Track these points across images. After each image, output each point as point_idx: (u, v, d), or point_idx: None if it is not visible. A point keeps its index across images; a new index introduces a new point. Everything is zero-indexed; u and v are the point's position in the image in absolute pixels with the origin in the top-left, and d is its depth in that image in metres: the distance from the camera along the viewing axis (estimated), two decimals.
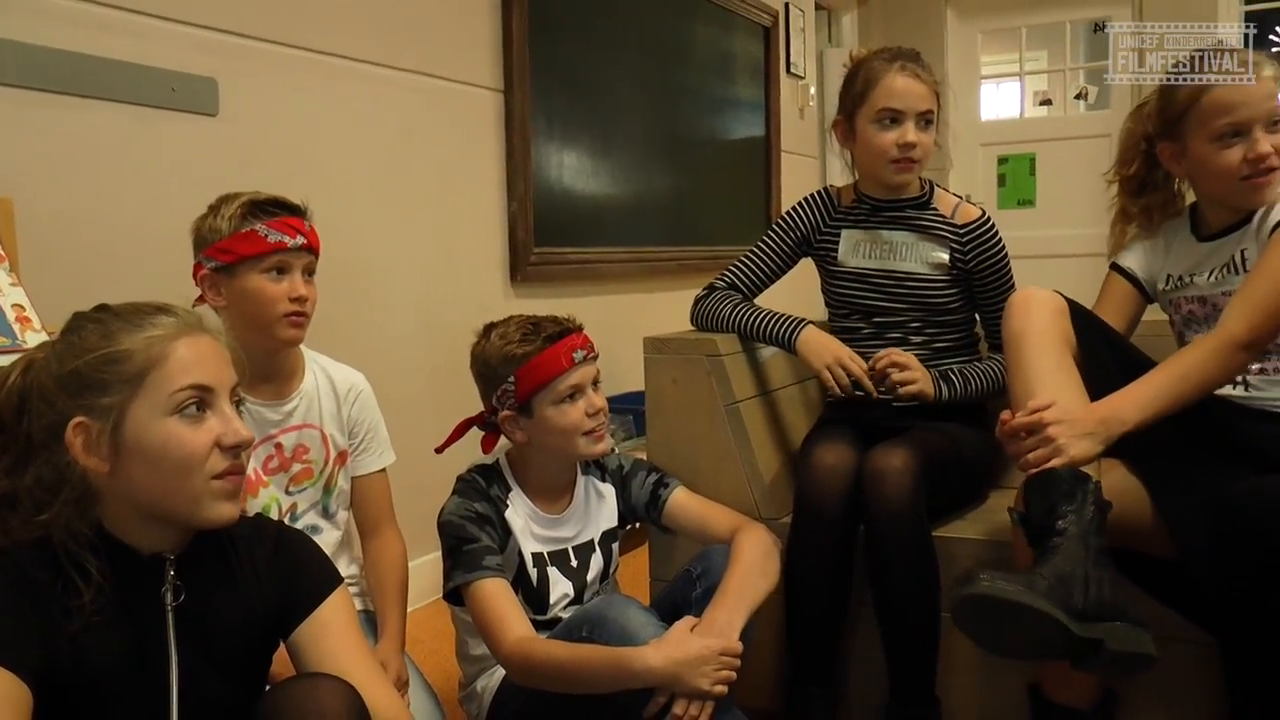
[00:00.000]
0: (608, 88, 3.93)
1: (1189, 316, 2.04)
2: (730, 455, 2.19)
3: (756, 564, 1.86)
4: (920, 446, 2.04)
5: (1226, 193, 1.94)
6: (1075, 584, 1.58)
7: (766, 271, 2.39)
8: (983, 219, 2.30)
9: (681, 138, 4.49)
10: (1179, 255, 2.06)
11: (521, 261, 3.43)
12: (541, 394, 1.90)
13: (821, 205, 2.39)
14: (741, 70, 4.98)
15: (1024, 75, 7.02)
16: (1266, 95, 1.88)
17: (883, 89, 2.21)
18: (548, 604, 1.95)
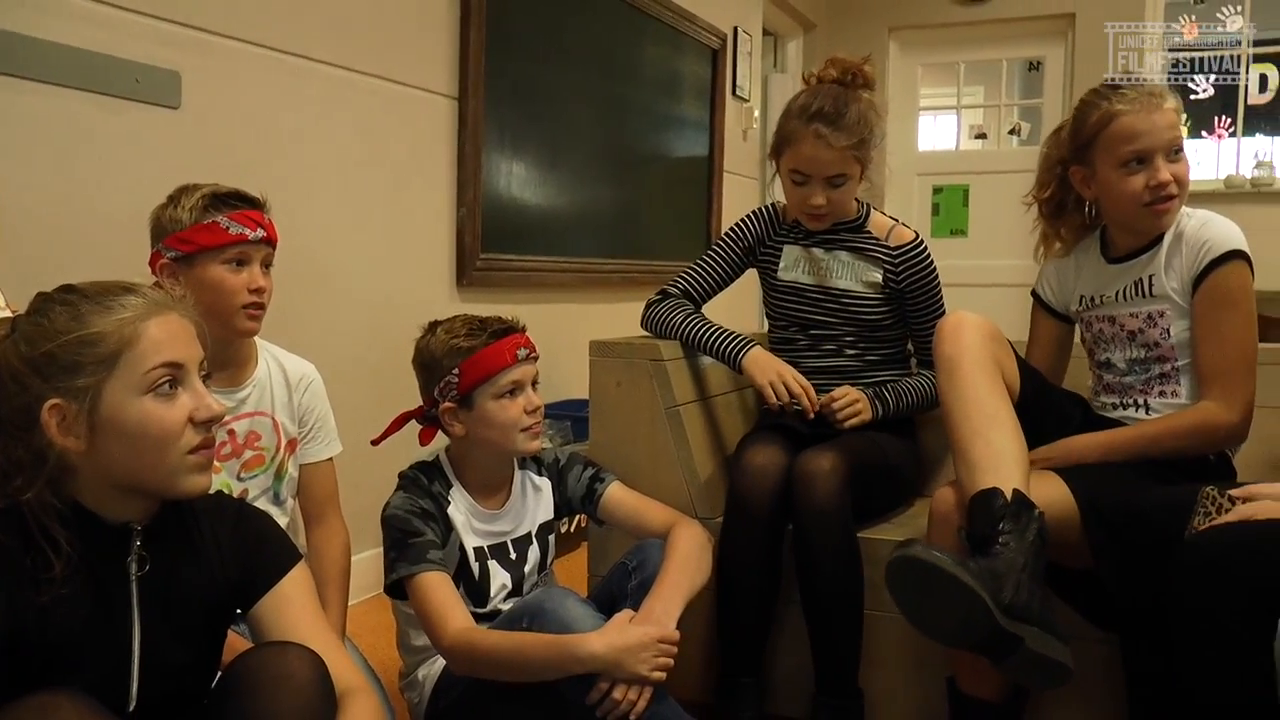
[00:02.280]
0: (559, 101, 4.00)
1: (1099, 335, 2.17)
2: (669, 456, 2.26)
3: (692, 557, 1.94)
4: (849, 451, 2.13)
5: (1130, 217, 2.06)
6: (1007, 582, 1.65)
7: (716, 279, 2.46)
8: (915, 241, 2.39)
9: (628, 153, 4.57)
10: (1090, 276, 2.18)
11: (468, 266, 3.49)
12: (483, 387, 1.96)
13: (767, 219, 2.47)
14: (688, 90, 5.07)
15: (961, 109, 7.21)
16: (1169, 125, 1.99)
17: (795, 152, 2.28)
18: (488, 596, 2.01)
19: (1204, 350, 2.00)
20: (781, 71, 6.60)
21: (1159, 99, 2.00)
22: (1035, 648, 1.65)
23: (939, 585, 1.62)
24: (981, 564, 1.66)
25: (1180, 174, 2.00)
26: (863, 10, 6.75)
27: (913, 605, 1.72)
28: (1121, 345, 2.12)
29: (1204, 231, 2.02)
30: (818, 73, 2.36)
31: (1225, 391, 1.96)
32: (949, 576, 1.61)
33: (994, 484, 1.76)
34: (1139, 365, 2.10)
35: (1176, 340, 2.05)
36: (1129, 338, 2.10)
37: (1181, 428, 1.98)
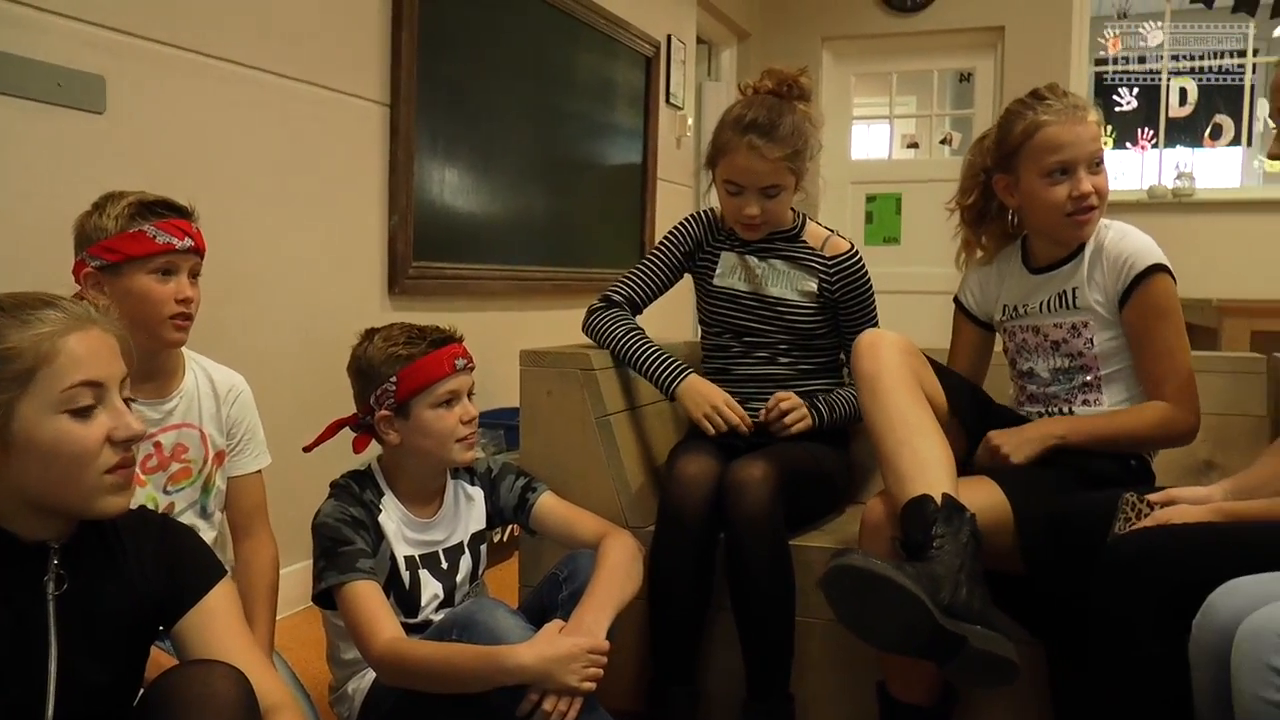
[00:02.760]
0: (492, 108, 3.99)
1: (1022, 345, 2.21)
2: (600, 465, 2.26)
3: (622, 568, 1.94)
4: (780, 460, 2.14)
5: (1052, 226, 2.11)
6: (945, 583, 1.66)
7: (657, 284, 2.47)
8: (850, 252, 2.42)
9: (561, 160, 4.56)
10: (1012, 286, 2.22)
11: (400, 274, 3.47)
12: (420, 396, 1.95)
13: (706, 225, 2.48)
14: (622, 98, 5.08)
15: (893, 119, 7.29)
16: (1091, 138, 2.05)
17: (729, 163, 2.30)
18: (419, 606, 1.99)
19: (1148, 363, 2.06)
20: (715, 79, 6.64)
21: (1083, 111, 2.06)
22: (979, 646, 1.66)
23: (878, 591, 1.63)
24: (919, 567, 1.67)
25: (1101, 185, 2.06)
26: (796, 20, 6.81)
27: (852, 613, 1.72)
28: (1045, 355, 2.16)
29: (1124, 245, 2.07)
30: (753, 83, 2.38)
31: (1180, 396, 2.05)
32: (887, 581, 1.62)
33: (923, 491, 1.78)
34: (1063, 375, 2.14)
35: (1100, 350, 2.09)
36: (1053, 348, 2.14)
37: (1145, 429, 2.05)
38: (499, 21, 4.01)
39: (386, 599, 1.90)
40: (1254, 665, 1.21)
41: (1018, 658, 1.69)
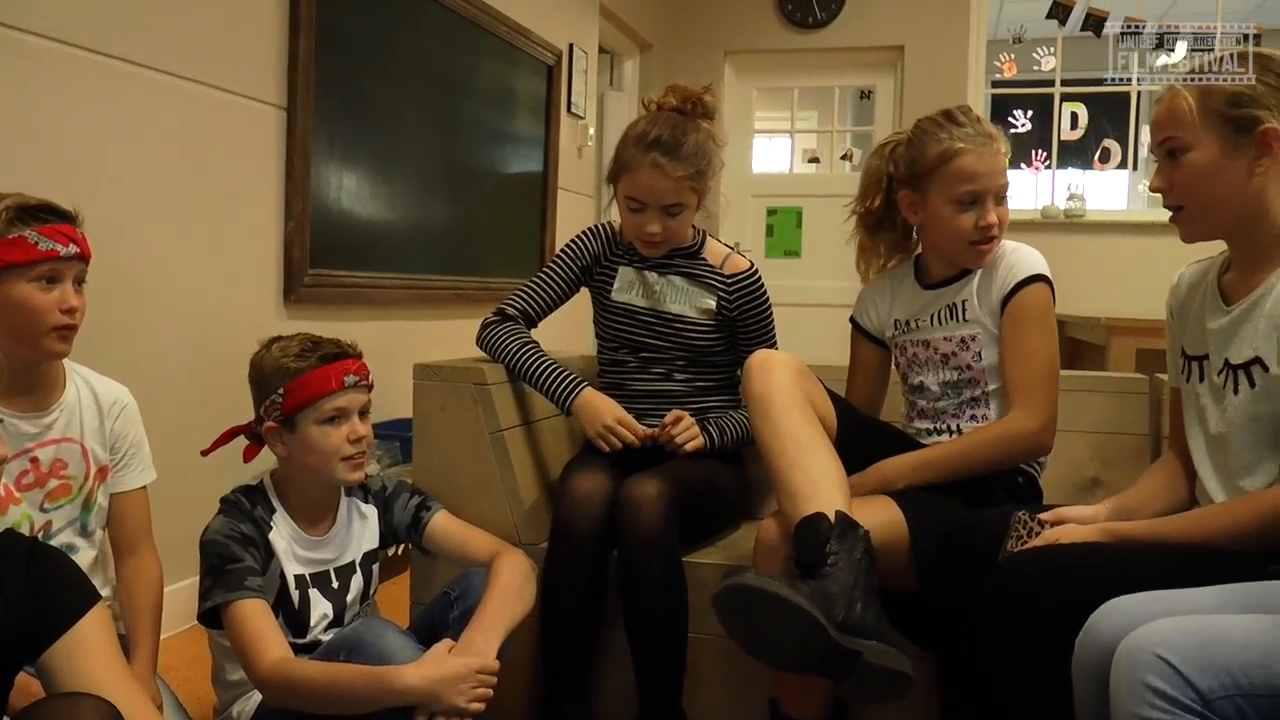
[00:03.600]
0: (392, 113, 3.94)
1: (913, 359, 2.24)
2: (493, 481, 2.24)
3: (514, 587, 1.92)
4: (674, 476, 2.14)
5: (953, 251, 2.15)
6: (839, 600, 1.67)
7: (552, 297, 2.44)
8: (750, 271, 2.43)
9: (461, 168, 4.53)
10: (905, 301, 2.26)
11: (296, 282, 3.40)
12: (306, 411, 1.92)
13: (604, 239, 2.47)
14: (523, 106, 5.06)
15: (795, 133, 7.37)
16: (1001, 170, 2.10)
17: (631, 179, 2.29)
18: (308, 626, 1.96)
19: (1009, 366, 2.10)
20: (618, 90, 6.65)
21: (995, 142, 2.10)
22: (874, 660, 1.67)
23: (771, 610, 1.63)
24: (812, 585, 1.68)
25: (1004, 217, 2.11)
26: (698, 33, 6.86)
27: (746, 633, 1.72)
28: (935, 368, 2.19)
29: (1011, 258, 2.13)
30: (657, 100, 2.37)
31: (1027, 402, 2.06)
32: (780, 599, 1.62)
33: (817, 509, 1.78)
34: (951, 389, 2.18)
35: (987, 365, 2.14)
36: (942, 361, 2.18)
37: (986, 438, 2.07)
38: (399, 26, 3.97)
39: (275, 618, 1.86)
40: (1131, 684, 1.24)
41: (912, 670, 1.71)
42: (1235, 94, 1.68)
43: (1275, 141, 1.67)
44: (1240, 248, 1.77)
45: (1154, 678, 1.21)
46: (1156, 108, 1.76)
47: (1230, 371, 1.73)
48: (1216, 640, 1.22)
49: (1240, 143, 1.68)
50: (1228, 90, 1.68)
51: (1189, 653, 1.21)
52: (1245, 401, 1.71)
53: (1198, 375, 1.83)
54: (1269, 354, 1.67)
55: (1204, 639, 1.23)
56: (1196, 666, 1.20)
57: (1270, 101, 1.68)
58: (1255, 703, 1.18)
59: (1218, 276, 1.83)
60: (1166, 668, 1.21)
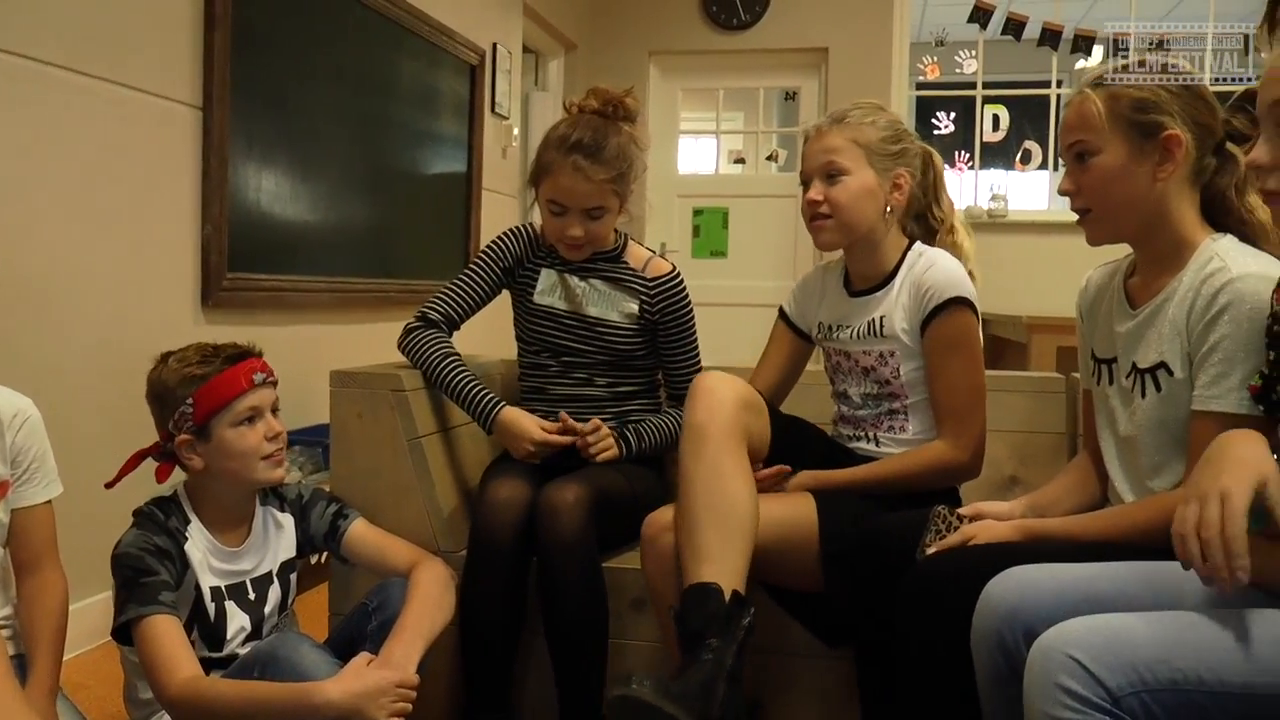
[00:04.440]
0: (312, 113, 3.88)
1: (837, 367, 2.26)
2: (412, 489, 2.21)
3: (434, 598, 1.90)
4: (593, 482, 2.14)
5: None
6: (714, 696, 1.67)
7: (474, 300, 2.41)
8: (672, 274, 2.42)
9: (384, 169, 4.48)
10: (831, 305, 2.28)
11: (214, 286, 3.34)
12: (220, 415, 1.89)
13: (526, 240, 2.44)
14: (446, 107, 5.02)
15: (720, 134, 7.40)
16: (822, 150, 2.13)
17: (553, 182, 2.28)
18: (224, 639, 1.92)
19: (935, 393, 2.12)
20: (543, 90, 6.62)
21: (829, 124, 2.15)
22: None
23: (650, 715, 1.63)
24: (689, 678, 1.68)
25: (834, 196, 2.12)
26: (624, 33, 6.86)
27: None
28: (857, 380, 2.21)
29: (930, 275, 2.12)
30: (579, 102, 2.37)
31: (956, 432, 2.09)
32: (656, 710, 1.62)
33: (714, 579, 1.78)
34: (872, 400, 2.19)
35: (906, 379, 2.15)
36: (863, 373, 2.19)
37: (915, 469, 2.09)
38: (319, 25, 3.91)
39: (188, 635, 1.82)
40: (1044, 684, 1.25)
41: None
42: (1141, 100, 1.71)
43: (1177, 147, 1.70)
44: (1144, 251, 1.80)
45: (1066, 677, 1.23)
46: (1066, 111, 1.79)
47: (1138, 375, 1.76)
48: (1123, 638, 1.24)
49: (1145, 147, 1.71)
50: (1134, 95, 1.71)
51: (1098, 651, 1.23)
52: (1152, 405, 1.74)
53: (1107, 378, 1.86)
54: (1173, 358, 1.70)
55: (1111, 637, 1.25)
56: (1105, 665, 1.22)
57: (1174, 108, 1.71)
58: (1159, 697, 1.20)
59: (1124, 280, 1.86)
60: (1078, 667, 1.22)
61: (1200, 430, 1.63)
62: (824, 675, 2.11)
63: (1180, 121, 1.71)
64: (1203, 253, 1.71)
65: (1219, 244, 1.71)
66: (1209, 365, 1.63)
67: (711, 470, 1.87)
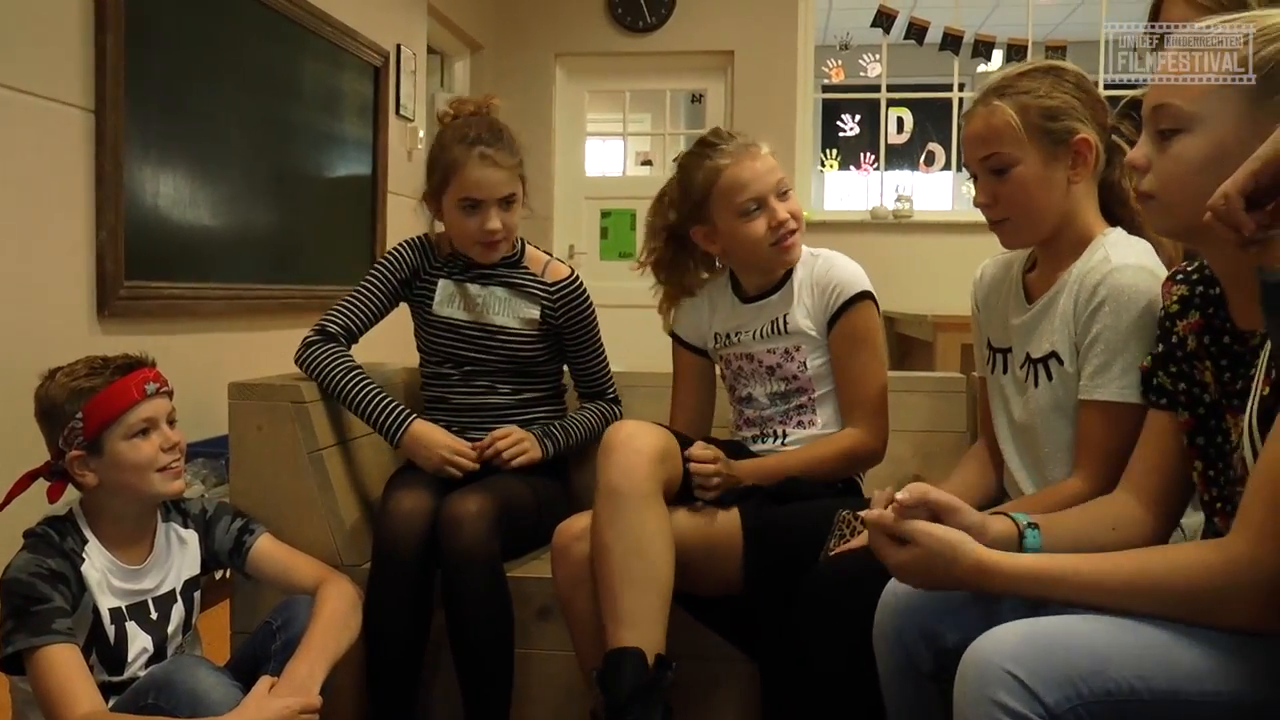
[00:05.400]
0: (211, 116, 3.79)
1: (739, 372, 2.27)
2: (313, 502, 2.18)
3: (339, 616, 1.88)
4: (497, 492, 2.13)
5: (760, 259, 2.18)
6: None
7: (373, 312, 2.38)
8: (571, 278, 2.42)
9: (287, 172, 4.39)
10: (725, 314, 2.28)
11: (110, 296, 3.24)
12: (112, 428, 1.84)
13: (422, 251, 2.42)
14: (350, 109, 4.94)
15: (627, 136, 7.40)
16: (769, 169, 2.14)
17: (463, 179, 2.26)
18: (125, 662, 1.86)
19: (845, 385, 2.15)
20: (449, 91, 6.56)
21: (755, 147, 2.15)
22: None
23: None
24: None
25: (795, 209, 2.15)
26: (529, 35, 6.82)
27: None
28: (762, 380, 2.22)
29: (832, 274, 2.16)
30: (453, 110, 2.38)
31: (868, 421, 2.13)
32: None
33: (637, 643, 1.79)
34: (780, 398, 2.21)
35: (814, 372, 2.18)
36: (768, 373, 2.20)
37: (832, 455, 2.12)
38: (218, 26, 3.82)
39: (86, 662, 1.76)
40: (978, 699, 1.20)
41: None
42: (1050, 108, 1.75)
43: (1089, 151, 1.75)
44: (1048, 248, 1.83)
45: (1002, 693, 1.18)
46: (973, 123, 1.80)
47: (1031, 365, 1.81)
48: (1059, 648, 1.21)
49: (1058, 154, 1.75)
50: (1043, 105, 1.75)
51: (1034, 665, 1.19)
52: (1045, 393, 1.78)
53: (1001, 367, 1.91)
54: (1063, 349, 1.75)
55: (1047, 648, 1.21)
56: (1041, 680, 1.18)
57: (1081, 113, 1.76)
58: (1092, 709, 1.18)
59: (1022, 273, 1.90)
60: (1014, 683, 1.18)
61: (1087, 419, 1.70)
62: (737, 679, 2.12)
63: (1089, 125, 1.76)
64: (1093, 246, 1.76)
65: (1108, 237, 1.76)
66: (1092, 356, 1.69)
67: (631, 532, 1.85)
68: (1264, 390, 1.29)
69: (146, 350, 1.99)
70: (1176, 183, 1.37)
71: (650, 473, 1.88)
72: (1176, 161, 1.36)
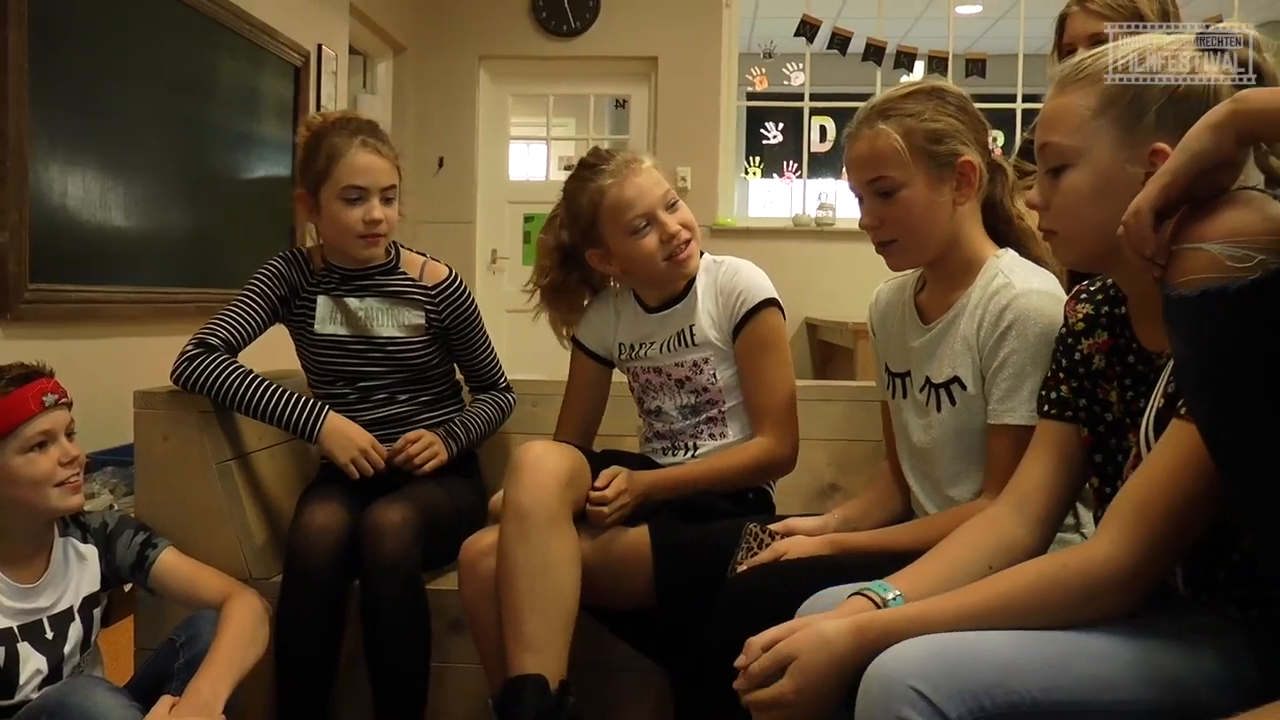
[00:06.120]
0: (125, 114, 3.70)
1: (647, 385, 2.25)
2: (222, 514, 2.13)
3: (246, 632, 1.84)
4: (417, 501, 2.10)
5: (657, 275, 2.16)
6: None
7: (254, 326, 2.29)
8: (451, 277, 2.39)
9: (204, 172, 4.31)
10: (629, 325, 2.26)
11: (14, 299, 3.15)
12: (7, 442, 1.79)
13: (298, 266, 2.35)
14: (269, 108, 4.87)
15: (551, 140, 7.38)
16: (655, 183, 2.12)
17: (346, 166, 2.22)
18: (17, 685, 1.80)
19: (753, 394, 2.14)
20: (371, 93, 6.50)
21: (636, 163, 2.13)
22: None
23: None
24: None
25: (686, 220, 2.13)
26: (453, 37, 6.77)
27: None
28: (671, 393, 2.20)
29: (735, 282, 2.15)
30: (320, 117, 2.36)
31: (777, 428, 2.11)
32: None
33: (540, 669, 1.78)
34: (690, 411, 2.19)
35: (724, 384, 2.17)
36: (678, 385, 2.19)
37: (743, 464, 2.10)
38: (130, 22, 3.73)
39: None
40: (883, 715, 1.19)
41: None
42: (935, 131, 1.75)
43: (973, 173, 1.76)
44: (937, 269, 1.84)
45: (907, 709, 1.17)
46: (857, 145, 1.79)
47: (932, 389, 1.81)
48: (963, 662, 1.21)
49: (944, 176, 1.75)
50: (928, 128, 1.74)
51: (939, 680, 1.18)
52: (948, 417, 1.79)
53: (901, 391, 1.91)
54: (965, 373, 1.76)
55: (952, 663, 1.21)
56: (946, 695, 1.18)
57: (966, 136, 1.77)
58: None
59: (913, 295, 1.91)
60: (919, 699, 1.17)
61: (997, 442, 1.70)
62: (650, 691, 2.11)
63: (972, 147, 1.77)
64: (988, 269, 1.77)
65: (1002, 261, 1.77)
66: (1000, 380, 1.69)
67: (538, 555, 1.83)
68: (1160, 403, 1.31)
69: (51, 356, 1.94)
70: (1072, 216, 1.40)
71: (559, 495, 1.86)
72: (1067, 196, 1.40)
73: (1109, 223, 1.27)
